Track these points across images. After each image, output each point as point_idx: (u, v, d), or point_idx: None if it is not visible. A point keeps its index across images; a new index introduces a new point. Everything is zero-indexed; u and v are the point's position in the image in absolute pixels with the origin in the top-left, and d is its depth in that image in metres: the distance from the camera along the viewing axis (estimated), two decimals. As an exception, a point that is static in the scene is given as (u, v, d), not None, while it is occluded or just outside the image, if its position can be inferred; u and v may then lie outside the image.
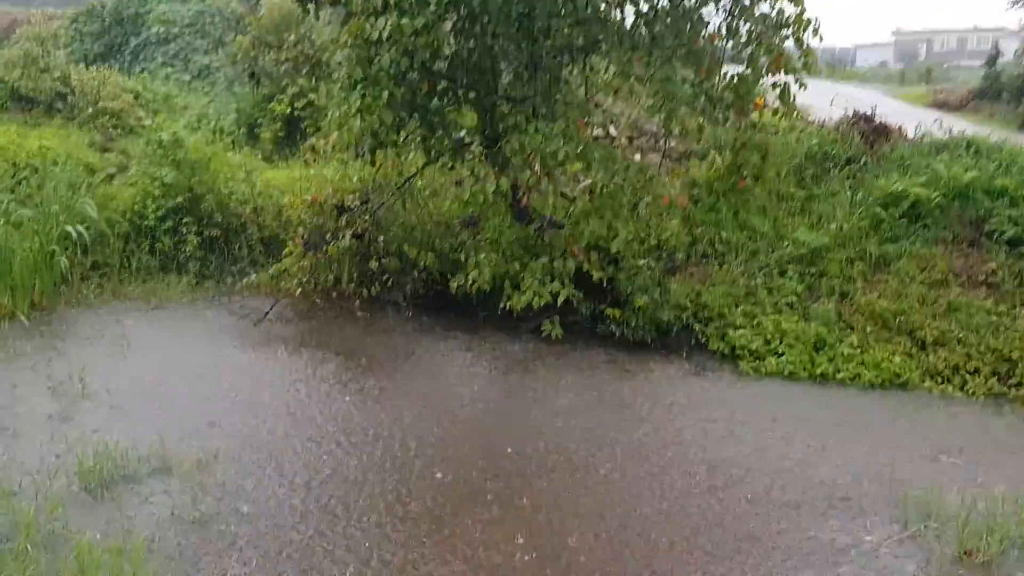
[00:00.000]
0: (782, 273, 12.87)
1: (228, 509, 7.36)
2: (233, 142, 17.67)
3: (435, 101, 10.23)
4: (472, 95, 10.64)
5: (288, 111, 18.70)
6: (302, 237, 12.77)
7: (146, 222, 14.57)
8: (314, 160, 16.43)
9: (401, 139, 10.17)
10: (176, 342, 11.71)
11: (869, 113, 15.93)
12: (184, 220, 14.60)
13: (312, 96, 18.63)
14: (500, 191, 9.00)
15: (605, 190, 9.18)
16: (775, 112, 10.28)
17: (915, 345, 11.58)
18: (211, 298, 13.73)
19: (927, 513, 7.54)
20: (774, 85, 10.13)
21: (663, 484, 8.22)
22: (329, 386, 10.36)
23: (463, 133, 11.42)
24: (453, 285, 10.43)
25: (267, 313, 12.68)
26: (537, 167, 9.10)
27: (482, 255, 9.85)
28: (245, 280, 12.49)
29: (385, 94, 8.77)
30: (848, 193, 13.97)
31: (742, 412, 10.05)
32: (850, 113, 15.94)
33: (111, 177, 15.98)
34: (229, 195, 15.23)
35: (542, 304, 9.61)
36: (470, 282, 9.84)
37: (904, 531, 7.33)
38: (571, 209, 11.23)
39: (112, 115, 18.17)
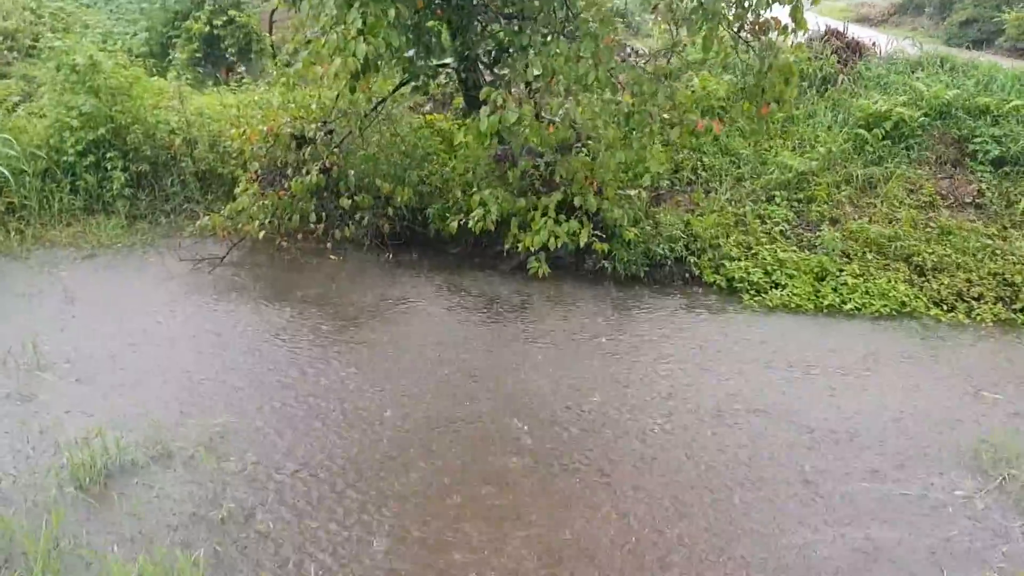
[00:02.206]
0: (769, 199, 12.33)
1: (259, 502, 6.37)
2: (156, 67, 15.92)
3: (431, 20, 9.09)
4: (461, 11, 9.54)
5: (207, 29, 17.02)
6: (256, 172, 11.50)
7: (65, 157, 13.01)
8: (239, 85, 15.09)
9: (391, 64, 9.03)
10: (126, 296, 10.38)
11: (841, 29, 15.41)
12: (108, 154, 13.11)
13: (232, 13, 17.01)
14: (521, 120, 8.02)
15: (634, 117, 8.33)
16: (784, 29, 9.59)
17: (914, 272, 11.25)
18: (149, 242, 12.35)
19: (1003, 459, 7.19)
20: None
21: (702, 443, 7.60)
22: (316, 342, 9.30)
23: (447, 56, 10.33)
24: (452, 224, 9.44)
25: (223, 258, 11.45)
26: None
27: (487, 191, 8.89)
28: (198, 223, 11.15)
29: (392, 12, 7.62)
30: (828, 114, 13.47)
31: (759, 351, 9.51)
32: (821, 29, 15.34)
33: (14, 107, 14.20)
34: (156, 125, 13.74)
35: (559, 245, 8.77)
36: (475, 221, 8.88)
37: (989, 482, 6.94)
38: (551, 139, 10.36)
39: (6, 35, 16.12)
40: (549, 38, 8.55)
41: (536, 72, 8.03)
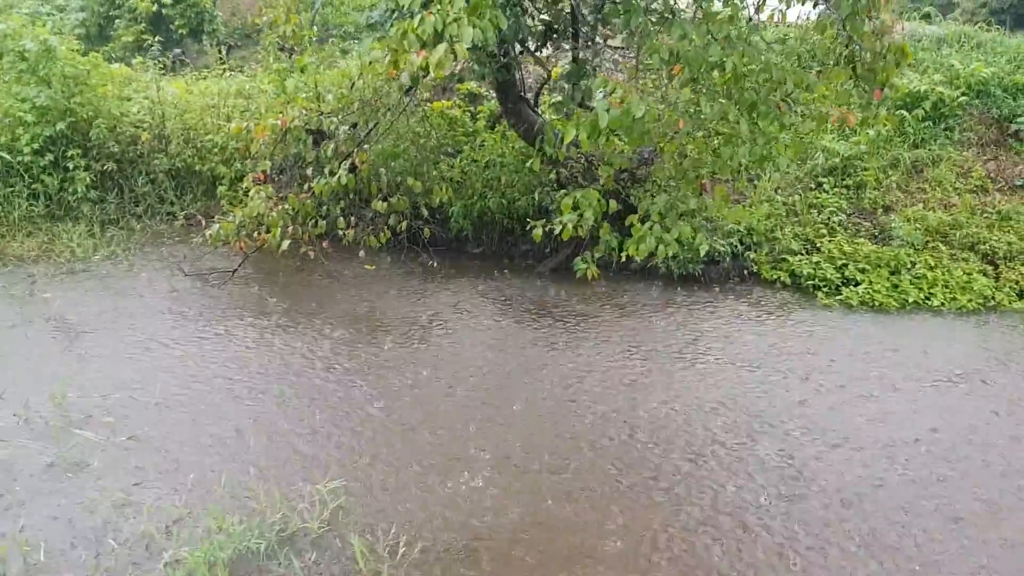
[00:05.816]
0: (818, 187, 11.57)
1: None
2: (109, 53, 14.10)
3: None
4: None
5: (154, 8, 15.22)
6: (264, 173, 10.01)
7: (19, 157, 11.26)
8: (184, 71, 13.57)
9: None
10: (135, 323, 8.73)
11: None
12: (68, 152, 11.45)
13: (184, -11, 15.29)
14: (649, 114, 6.90)
15: (759, 107, 7.34)
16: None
17: (984, 261, 10.66)
18: (131, 251, 10.77)
19: None
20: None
21: (840, 486, 6.72)
22: (384, 371, 7.87)
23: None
24: (537, 233, 8.25)
25: (234, 271, 10.00)
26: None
27: (579, 192, 7.75)
28: (208, 232, 9.57)
29: (501, -11, 6.39)
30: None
31: (863, 358, 8.61)
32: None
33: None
34: (121, 117, 12.08)
35: (669, 254, 7.71)
36: (564, 227, 7.72)
37: None
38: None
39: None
40: (654, 19, 7.45)
41: (664, 57, 6.93)
